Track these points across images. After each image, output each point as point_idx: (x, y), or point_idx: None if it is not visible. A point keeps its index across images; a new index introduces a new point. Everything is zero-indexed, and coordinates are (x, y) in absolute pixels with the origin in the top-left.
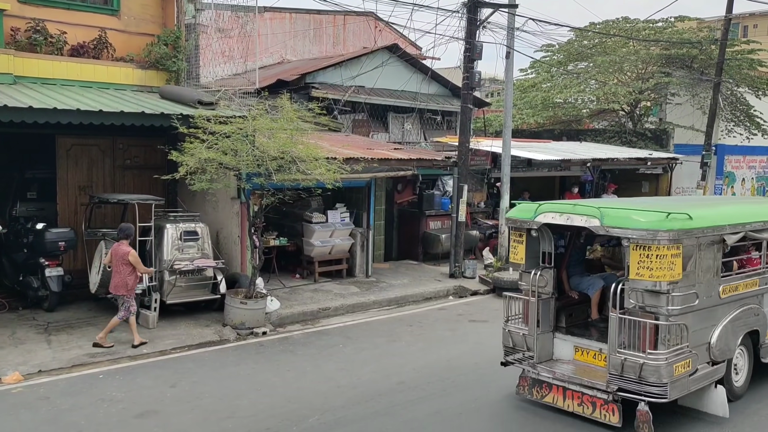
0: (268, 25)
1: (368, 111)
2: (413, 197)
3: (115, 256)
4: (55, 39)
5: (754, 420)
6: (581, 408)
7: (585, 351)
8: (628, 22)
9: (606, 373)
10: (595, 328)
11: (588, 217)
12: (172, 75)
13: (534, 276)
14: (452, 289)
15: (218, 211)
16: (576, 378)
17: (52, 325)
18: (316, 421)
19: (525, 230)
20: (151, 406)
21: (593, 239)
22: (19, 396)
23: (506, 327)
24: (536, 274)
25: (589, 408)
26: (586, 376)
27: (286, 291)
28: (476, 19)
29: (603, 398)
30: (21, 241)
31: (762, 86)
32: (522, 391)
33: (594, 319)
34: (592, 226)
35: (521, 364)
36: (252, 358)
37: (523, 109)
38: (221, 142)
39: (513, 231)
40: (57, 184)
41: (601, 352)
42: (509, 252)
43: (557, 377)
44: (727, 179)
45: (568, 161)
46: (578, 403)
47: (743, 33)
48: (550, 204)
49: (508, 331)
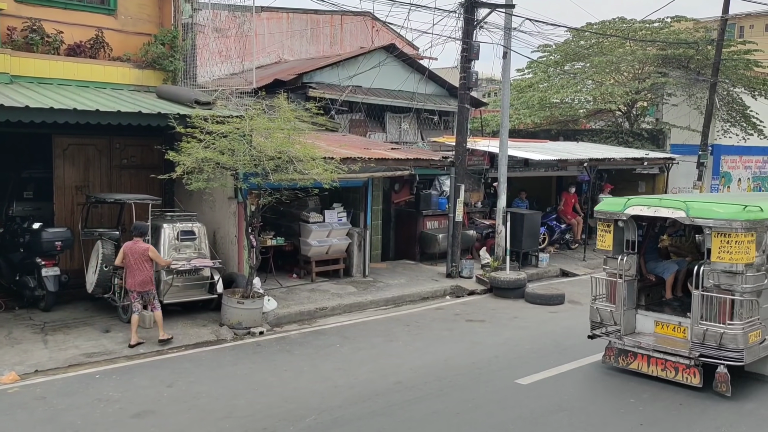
0: (265, 25)
1: (365, 111)
2: (410, 197)
3: (132, 255)
4: (51, 38)
5: (750, 420)
6: (664, 372)
7: (665, 325)
8: (624, 22)
9: (685, 342)
10: (669, 306)
11: (674, 210)
12: (169, 75)
13: (620, 261)
14: (449, 288)
15: (215, 211)
16: (660, 347)
17: (49, 324)
18: (313, 421)
19: (613, 221)
20: (147, 406)
21: (665, 230)
22: (16, 396)
23: (594, 305)
24: (622, 259)
25: (672, 372)
26: (667, 346)
27: (283, 291)
28: (473, 19)
29: (685, 363)
30: (17, 240)
31: (758, 86)
32: (608, 360)
33: (668, 299)
34: (678, 217)
35: (608, 337)
36: (249, 357)
37: (520, 109)
38: (218, 142)
39: (601, 222)
40: (53, 184)
41: (680, 325)
42: (597, 240)
43: (643, 347)
44: (723, 179)
45: (565, 161)
46: (661, 369)
47: (739, 33)
48: (638, 198)
49: (596, 308)
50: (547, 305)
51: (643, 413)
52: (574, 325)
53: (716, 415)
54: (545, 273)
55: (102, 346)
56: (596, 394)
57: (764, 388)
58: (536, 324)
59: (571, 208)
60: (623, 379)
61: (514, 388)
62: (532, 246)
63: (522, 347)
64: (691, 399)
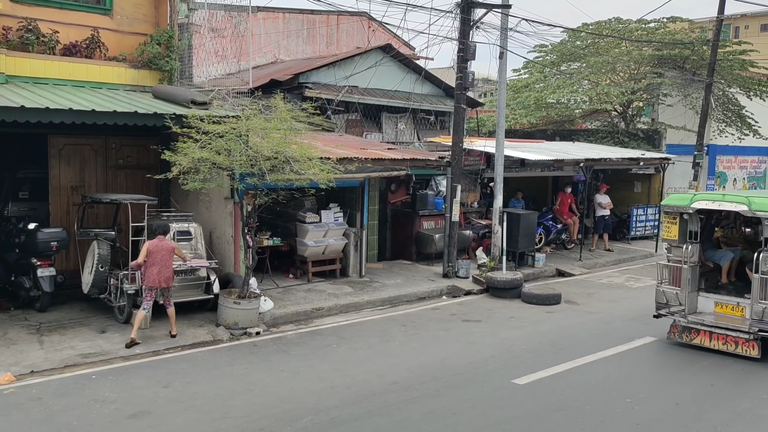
0: (261, 25)
1: (362, 111)
2: (407, 197)
3: (158, 252)
4: (47, 38)
5: (746, 419)
6: (725, 346)
7: (724, 305)
8: (620, 22)
9: (743, 320)
10: (725, 288)
11: (737, 204)
12: (165, 74)
13: (685, 249)
14: (445, 288)
15: (211, 211)
16: (722, 323)
17: (44, 325)
18: (310, 422)
19: (678, 214)
20: (143, 407)
21: (720, 222)
22: (11, 397)
23: (660, 287)
24: (687, 248)
25: (732, 346)
26: (727, 323)
27: (280, 291)
28: (470, 19)
29: (744, 338)
30: (13, 241)
31: (753, 87)
32: (672, 336)
33: (723, 283)
34: (741, 210)
35: (672, 316)
36: (245, 358)
37: (516, 109)
38: (214, 142)
39: (667, 215)
40: (49, 184)
41: (738, 305)
42: (663, 230)
43: (706, 324)
44: (718, 179)
45: (561, 161)
46: (722, 343)
47: (735, 34)
48: (704, 194)
49: (661, 290)
50: (543, 305)
51: (639, 413)
52: (570, 324)
53: (713, 414)
54: (541, 273)
55: (98, 347)
56: (593, 394)
57: (760, 386)
58: (532, 324)
59: (567, 208)
60: (620, 379)
61: (511, 388)
62: (529, 246)
63: (518, 347)
64: (687, 399)
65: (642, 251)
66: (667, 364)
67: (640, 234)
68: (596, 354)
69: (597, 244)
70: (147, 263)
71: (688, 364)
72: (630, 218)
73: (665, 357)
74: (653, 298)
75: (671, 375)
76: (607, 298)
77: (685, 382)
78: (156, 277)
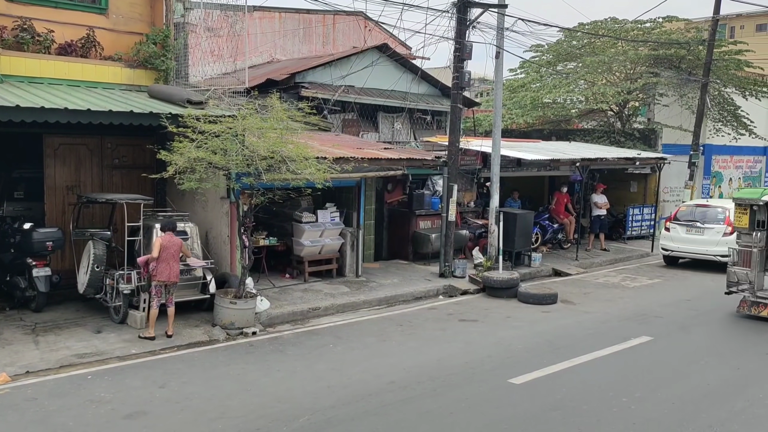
0: (257, 25)
1: (358, 111)
2: (403, 197)
3: (170, 248)
4: (42, 38)
5: (742, 418)
6: None
7: None
8: (616, 22)
9: None
10: None
11: None
12: (161, 74)
13: (755, 235)
14: (442, 288)
15: (207, 211)
16: None
17: (40, 325)
18: (306, 422)
19: (749, 206)
20: (139, 407)
21: None
22: (6, 397)
23: (731, 269)
24: (756, 234)
25: None
26: None
27: (276, 291)
28: (466, 19)
29: None
30: (8, 241)
31: (749, 87)
32: (742, 310)
33: None
34: None
35: (742, 293)
36: (242, 358)
37: (513, 108)
38: (210, 142)
39: (738, 207)
40: (44, 184)
41: None
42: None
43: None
44: (714, 179)
45: (558, 161)
46: None
47: (730, 34)
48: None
49: (733, 271)
50: (539, 305)
51: (635, 412)
52: (567, 324)
53: (708, 413)
54: (538, 272)
55: (94, 347)
56: (589, 394)
57: (757, 386)
58: (529, 323)
59: (563, 208)
60: (616, 379)
61: (508, 388)
62: (525, 245)
63: (515, 347)
64: (683, 398)
65: (638, 251)
66: (664, 363)
67: (636, 234)
68: (593, 353)
69: (593, 243)
70: (159, 258)
71: (687, 363)
72: (626, 218)
73: (662, 356)
74: (649, 298)
75: (668, 374)
76: (604, 298)
77: (682, 382)
78: (168, 272)
